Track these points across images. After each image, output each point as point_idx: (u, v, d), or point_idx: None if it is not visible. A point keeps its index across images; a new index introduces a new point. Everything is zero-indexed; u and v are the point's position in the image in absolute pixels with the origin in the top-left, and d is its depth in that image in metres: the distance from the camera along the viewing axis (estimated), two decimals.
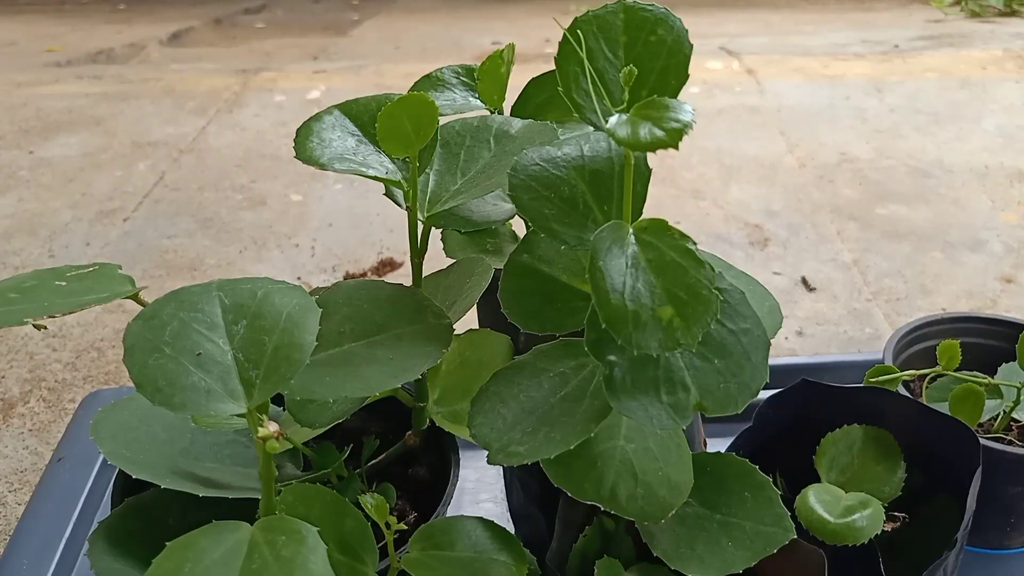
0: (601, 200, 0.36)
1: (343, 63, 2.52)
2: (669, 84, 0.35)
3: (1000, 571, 0.62)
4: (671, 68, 0.35)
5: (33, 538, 0.65)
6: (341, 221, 1.46)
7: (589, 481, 0.36)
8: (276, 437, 0.33)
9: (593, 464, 0.37)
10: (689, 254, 0.32)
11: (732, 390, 0.34)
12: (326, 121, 0.45)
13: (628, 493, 0.36)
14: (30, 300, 0.40)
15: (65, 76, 2.41)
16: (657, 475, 0.37)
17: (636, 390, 0.33)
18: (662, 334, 0.31)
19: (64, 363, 1.09)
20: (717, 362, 0.34)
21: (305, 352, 0.35)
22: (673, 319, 0.31)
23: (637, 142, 0.30)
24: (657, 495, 0.37)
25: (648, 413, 0.33)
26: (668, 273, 0.32)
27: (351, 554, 0.40)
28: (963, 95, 2.00)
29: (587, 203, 0.36)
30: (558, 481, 0.36)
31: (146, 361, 0.34)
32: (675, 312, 0.31)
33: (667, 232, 0.33)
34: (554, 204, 0.35)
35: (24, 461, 0.93)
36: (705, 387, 0.34)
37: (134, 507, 0.45)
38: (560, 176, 0.36)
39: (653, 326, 0.31)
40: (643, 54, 0.35)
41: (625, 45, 0.36)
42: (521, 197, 0.35)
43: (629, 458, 0.37)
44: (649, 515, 0.36)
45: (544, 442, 0.34)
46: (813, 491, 0.46)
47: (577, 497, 0.36)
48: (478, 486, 0.72)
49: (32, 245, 1.41)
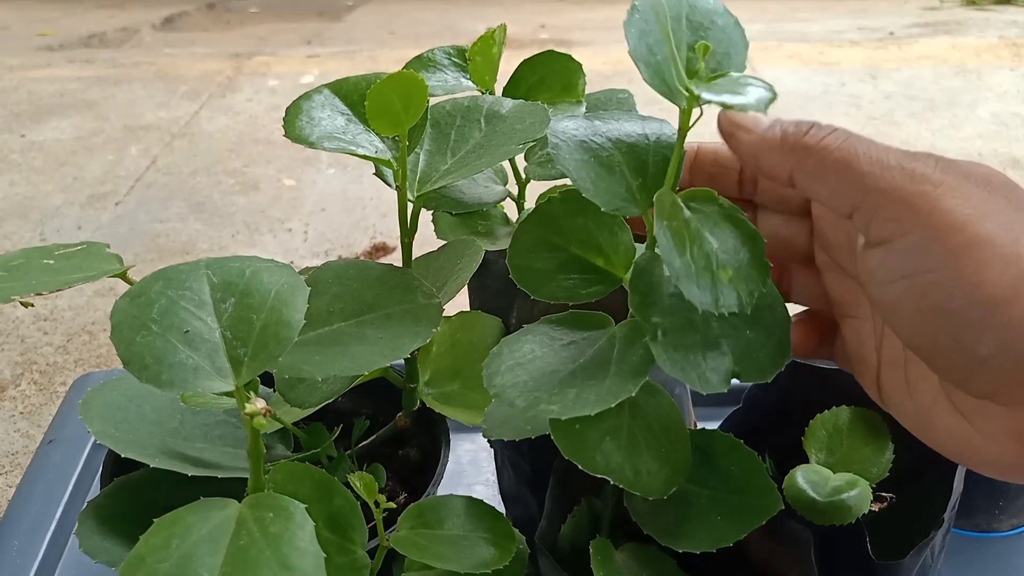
0: (636, 172, 0.37)
1: (337, 48, 2.51)
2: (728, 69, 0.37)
3: (989, 554, 0.63)
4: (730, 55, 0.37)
5: (24, 519, 0.66)
6: (334, 206, 1.46)
7: (600, 455, 0.36)
8: (264, 414, 0.33)
9: (603, 439, 0.37)
10: (740, 221, 0.34)
11: (763, 359, 0.35)
12: (316, 100, 0.45)
13: (635, 469, 0.37)
14: (17, 278, 0.40)
15: (57, 60, 2.40)
16: (661, 452, 0.38)
17: (680, 352, 0.34)
18: (723, 293, 0.32)
19: (55, 346, 1.09)
20: (749, 333, 0.36)
21: (293, 330, 0.34)
22: (732, 280, 0.33)
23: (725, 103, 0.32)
24: (661, 472, 0.37)
25: (697, 373, 0.34)
26: (723, 237, 0.34)
27: (340, 532, 0.40)
28: (958, 82, 2.00)
29: (623, 172, 0.36)
30: (568, 453, 0.36)
31: (133, 338, 0.34)
32: (734, 274, 0.33)
33: (714, 200, 0.35)
34: (594, 168, 0.36)
35: (15, 444, 0.93)
36: (740, 355, 0.35)
37: (123, 487, 0.45)
38: (599, 144, 0.37)
39: (717, 285, 0.32)
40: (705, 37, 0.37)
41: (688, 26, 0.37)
42: (563, 155, 0.36)
43: (635, 434, 0.38)
44: (654, 490, 0.37)
45: (576, 401, 0.34)
46: (801, 471, 0.47)
47: (588, 470, 0.36)
48: (469, 468, 0.72)
49: (23, 229, 1.40)
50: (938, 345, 0.30)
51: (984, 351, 0.28)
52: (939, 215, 0.29)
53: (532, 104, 0.46)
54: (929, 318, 0.30)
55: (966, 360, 0.29)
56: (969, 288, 0.28)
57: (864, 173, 0.31)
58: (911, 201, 0.29)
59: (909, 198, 0.30)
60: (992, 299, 0.28)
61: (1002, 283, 0.28)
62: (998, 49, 2.25)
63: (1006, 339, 0.28)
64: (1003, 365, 0.28)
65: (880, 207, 0.30)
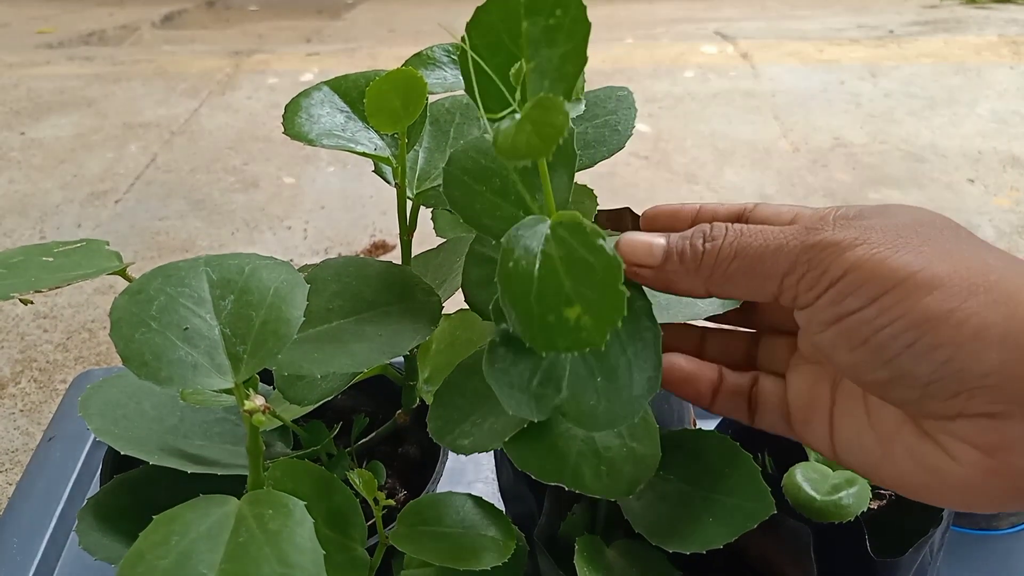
0: (532, 189, 0.35)
1: (337, 46, 2.51)
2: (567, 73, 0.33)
3: (987, 552, 0.63)
4: (569, 55, 0.33)
5: (24, 516, 0.66)
6: (334, 204, 1.46)
7: (551, 463, 0.36)
8: (263, 411, 0.33)
9: (554, 446, 0.36)
10: (599, 250, 0.30)
11: (600, 411, 0.33)
12: (315, 97, 0.45)
13: (592, 471, 0.36)
14: (17, 275, 0.40)
15: (57, 57, 2.40)
16: (622, 451, 0.37)
17: (512, 370, 0.33)
18: (568, 334, 0.30)
19: (55, 344, 1.09)
20: (599, 380, 0.33)
21: (292, 327, 0.34)
22: (580, 318, 0.30)
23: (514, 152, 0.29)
24: (622, 471, 0.37)
25: (511, 394, 0.33)
26: (577, 271, 0.30)
27: (339, 529, 0.40)
28: (957, 80, 2.00)
29: (519, 194, 0.35)
30: (521, 465, 0.35)
31: (132, 335, 0.34)
32: (583, 311, 0.30)
33: (580, 227, 0.31)
34: (486, 198, 0.35)
35: (15, 441, 0.93)
36: (576, 396, 0.33)
37: (123, 484, 0.45)
38: (492, 167, 0.35)
39: (559, 326, 0.30)
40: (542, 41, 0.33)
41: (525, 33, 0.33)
42: (453, 193, 0.35)
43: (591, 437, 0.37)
44: (615, 491, 0.36)
45: (487, 434, 0.34)
46: (800, 469, 0.47)
47: (542, 480, 0.35)
48: (469, 466, 0.72)
49: (23, 226, 1.40)
50: (881, 379, 0.30)
51: (924, 371, 0.29)
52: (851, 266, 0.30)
53: None
54: (864, 355, 0.30)
55: (911, 386, 0.30)
56: (893, 317, 0.29)
57: (766, 264, 0.32)
58: (821, 266, 0.31)
59: (818, 263, 0.31)
60: (918, 322, 0.29)
61: (925, 305, 0.29)
62: (998, 47, 2.25)
63: (940, 357, 0.29)
64: (946, 382, 0.29)
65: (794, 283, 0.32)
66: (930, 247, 0.30)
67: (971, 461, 0.30)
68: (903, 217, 0.32)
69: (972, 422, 0.29)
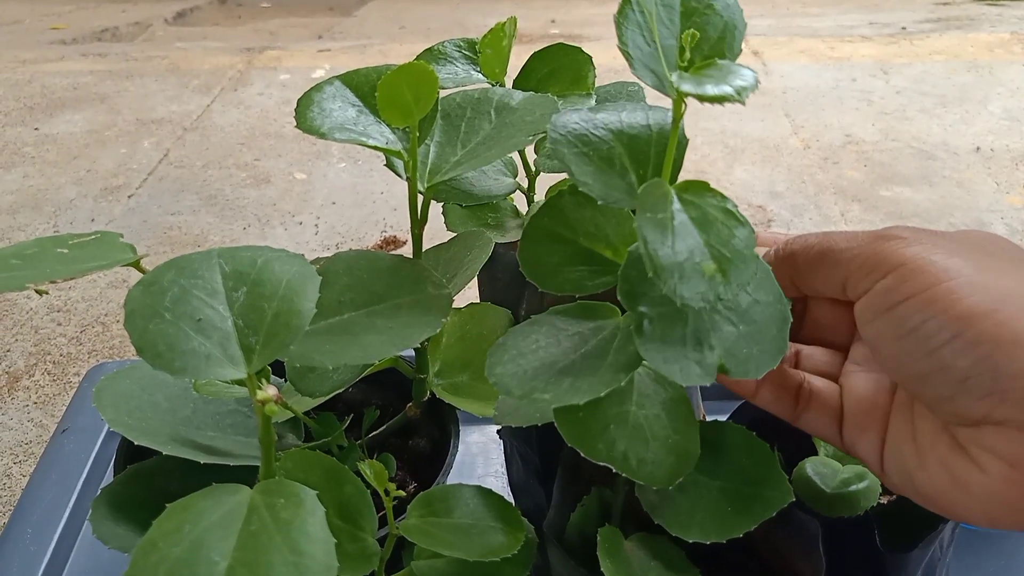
0: (637, 164, 0.36)
1: (348, 42, 2.51)
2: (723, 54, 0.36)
3: (998, 549, 0.63)
4: (725, 39, 0.36)
5: (38, 507, 0.66)
6: (345, 199, 1.46)
7: (603, 442, 0.36)
8: (275, 401, 0.33)
9: (607, 426, 0.37)
10: (731, 214, 0.34)
11: (753, 356, 0.35)
12: (327, 91, 0.45)
13: (639, 457, 0.37)
14: (32, 266, 0.40)
15: (70, 54, 2.41)
16: (667, 442, 0.38)
17: (665, 343, 0.34)
18: (705, 286, 0.32)
19: (69, 337, 1.10)
20: (741, 328, 0.35)
21: (304, 319, 0.35)
22: (716, 274, 0.32)
23: (703, 94, 0.32)
24: (666, 461, 0.37)
25: (677, 366, 0.34)
26: (711, 230, 0.33)
27: (350, 520, 0.40)
28: (970, 78, 1.99)
29: (624, 165, 0.36)
30: (571, 440, 0.36)
31: (146, 326, 0.34)
32: (718, 268, 0.32)
33: (708, 192, 0.35)
34: (592, 161, 0.36)
35: (29, 433, 0.93)
36: (729, 349, 0.35)
37: (136, 474, 0.45)
38: (599, 136, 0.37)
39: (697, 278, 0.32)
40: (699, 23, 0.36)
41: (682, 13, 0.37)
42: (562, 150, 0.36)
43: (641, 423, 0.38)
44: (658, 480, 0.37)
45: (569, 390, 0.34)
46: (810, 463, 0.47)
47: (590, 457, 0.36)
48: (478, 459, 0.72)
49: (37, 221, 1.41)
50: (921, 371, 0.32)
51: (962, 365, 0.30)
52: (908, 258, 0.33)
53: (542, 96, 0.46)
54: (908, 344, 0.32)
55: (949, 381, 0.31)
56: (940, 308, 0.31)
57: (842, 251, 0.36)
58: (882, 255, 0.34)
59: (880, 253, 0.34)
60: (963, 316, 0.30)
61: (972, 302, 0.30)
62: (1010, 44, 2.24)
63: (980, 352, 0.30)
64: (982, 379, 0.30)
65: (858, 268, 0.35)
66: (989, 260, 0.32)
67: (996, 472, 0.31)
68: (972, 236, 0.35)
69: (1000, 431, 0.30)
